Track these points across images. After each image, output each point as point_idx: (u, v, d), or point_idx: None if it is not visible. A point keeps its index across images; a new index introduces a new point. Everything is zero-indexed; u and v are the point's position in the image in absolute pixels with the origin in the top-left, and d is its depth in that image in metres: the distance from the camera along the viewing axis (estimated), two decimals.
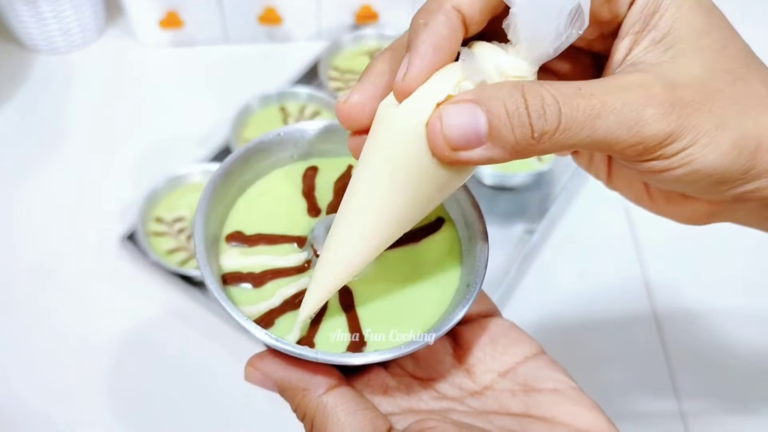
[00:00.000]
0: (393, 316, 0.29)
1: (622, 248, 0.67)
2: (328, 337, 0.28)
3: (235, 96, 0.74)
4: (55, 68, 0.80)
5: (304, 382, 0.27)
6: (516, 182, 0.68)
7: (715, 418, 0.57)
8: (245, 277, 0.29)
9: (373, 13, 0.81)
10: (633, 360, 0.60)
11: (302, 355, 0.26)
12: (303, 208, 0.32)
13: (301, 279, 0.30)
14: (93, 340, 0.59)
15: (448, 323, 0.27)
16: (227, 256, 0.30)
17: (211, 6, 0.78)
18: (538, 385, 0.28)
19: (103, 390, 0.56)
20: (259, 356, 0.28)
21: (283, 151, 0.33)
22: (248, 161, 0.32)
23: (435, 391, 0.29)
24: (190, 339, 0.59)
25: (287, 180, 0.33)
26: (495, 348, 0.30)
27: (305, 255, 0.30)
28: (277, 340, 0.26)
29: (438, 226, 0.32)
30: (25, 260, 0.64)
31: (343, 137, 0.33)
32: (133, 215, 0.63)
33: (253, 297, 0.29)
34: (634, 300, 0.63)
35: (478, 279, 0.28)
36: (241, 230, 0.31)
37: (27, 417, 0.55)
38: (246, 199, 0.32)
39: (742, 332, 0.62)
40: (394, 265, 0.30)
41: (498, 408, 0.28)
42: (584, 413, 0.27)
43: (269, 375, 0.27)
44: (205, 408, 0.56)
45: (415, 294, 0.29)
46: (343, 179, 0.33)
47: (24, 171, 0.70)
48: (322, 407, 0.26)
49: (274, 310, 0.29)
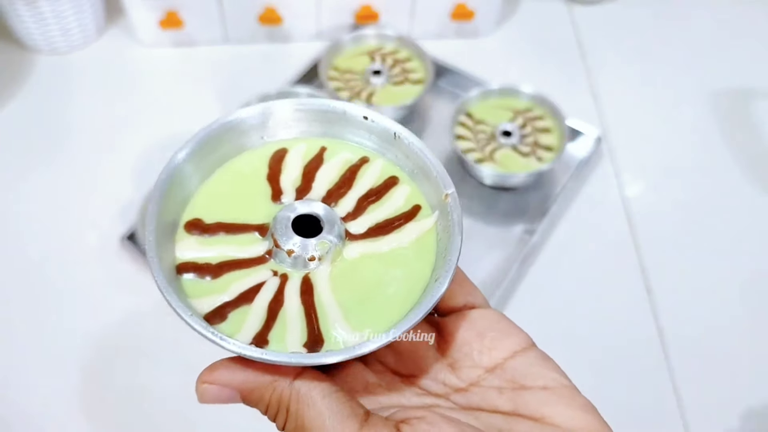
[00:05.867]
0: (356, 314, 0.27)
1: (622, 248, 0.67)
2: (283, 335, 0.26)
3: (235, 96, 0.74)
4: (55, 68, 0.80)
5: (270, 377, 0.25)
6: (516, 182, 0.68)
7: (715, 417, 0.57)
8: (201, 267, 0.28)
9: (373, 13, 0.81)
10: (633, 360, 0.60)
11: (258, 358, 0.24)
12: (267, 194, 0.30)
13: (260, 271, 0.28)
14: (93, 340, 0.59)
15: (410, 321, 0.25)
16: (183, 245, 0.28)
17: (211, 6, 0.78)
18: (528, 383, 0.27)
19: (102, 389, 0.56)
20: (209, 369, 0.26)
21: (251, 132, 0.31)
22: (211, 143, 0.30)
23: (418, 387, 0.28)
24: (190, 339, 0.59)
25: (254, 163, 0.31)
26: (482, 342, 0.28)
27: (266, 245, 0.28)
28: (222, 338, 0.24)
29: (414, 213, 0.30)
30: (24, 260, 0.64)
31: (315, 117, 0.31)
32: (133, 215, 0.63)
33: (206, 289, 0.27)
34: (634, 300, 0.63)
35: (448, 273, 0.26)
36: (201, 218, 0.29)
37: (27, 417, 0.55)
38: (209, 184, 0.30)
39: (743, 332, 0.62)
40: (360, 258, 0.29)
41: (485, 405, 0.27)
42: (576, 414, 0.26)
43: (227, 384, 0.26)
44: (205, 408, 0.56)
45: (381, 288, 0.28)
46: (314, 162, 0.31)
47: (24, 171, 0.70)
48: (296, 394, 0.25)
49: (227, 303, 0.27)
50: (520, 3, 0.90)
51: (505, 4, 0.86)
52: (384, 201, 0.30)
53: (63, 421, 0.55)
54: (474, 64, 0.79)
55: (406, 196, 0.30)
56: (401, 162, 0.31)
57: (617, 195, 0.71)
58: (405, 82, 0.75)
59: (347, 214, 0.30)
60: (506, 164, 0.68)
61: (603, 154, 0.74)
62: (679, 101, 0.80)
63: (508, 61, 0.84)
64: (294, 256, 0.28)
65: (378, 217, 0.30)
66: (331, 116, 0.32)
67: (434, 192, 0.30)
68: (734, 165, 0.74)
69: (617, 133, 0.76)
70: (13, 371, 0.57)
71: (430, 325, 0.30)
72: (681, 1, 0.91)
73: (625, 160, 0.74)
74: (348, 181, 0.31)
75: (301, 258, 0.28)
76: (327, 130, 0.32)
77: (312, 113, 0.31)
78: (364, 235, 0.29)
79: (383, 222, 0.30)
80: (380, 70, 0.75)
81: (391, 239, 0.29)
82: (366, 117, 0.31)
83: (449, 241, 0.28)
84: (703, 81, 0.82)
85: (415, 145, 0.30)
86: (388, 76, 0.75)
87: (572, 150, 0.72)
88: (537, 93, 0.72)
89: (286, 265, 0.28)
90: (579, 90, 0.80)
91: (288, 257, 0.28)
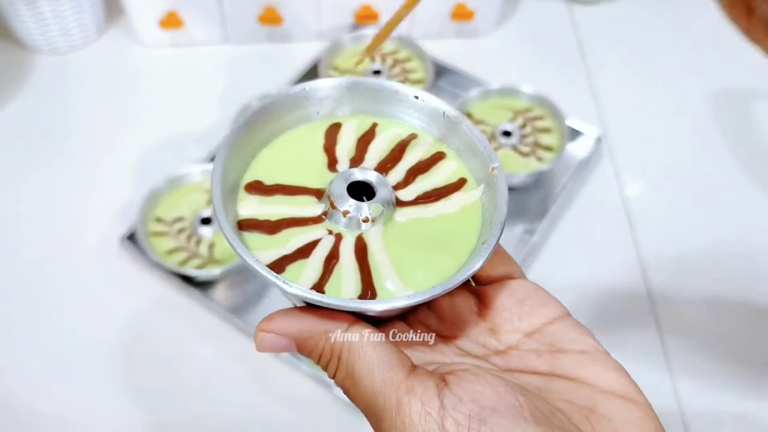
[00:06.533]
0: (406, 271, 0.28)
1: (622, 248, 0.67)
2: (338, 287, 0.28)
3: (235, 96, 0.74)
4: (55, 68, 0.80)
5: (324, 326, 0.26)
6: (516, 182, 0.68)
7: (713, 416, 0.57)
8: (261, 224, 0.30)
9: (373, 13, 0.81)
10: (633, 360, 0.60)
11: (318, 301, 0.25)
12: (324, 162, 0.32)
13: (316, 229, 0.30)
14: (93, 340, 0.59)
15: (463, 275, 0.27)
16: (244, 204, 0.30)
17: (211, 6, 0.78)
18: (565, 347, 0.28)
19: (102, 390, 0.56)
20: (267, 319, 0.27)
21: (308, 107, 0.33)
22: (271, 115, 0.32)
23: (459, 348, 0.29)
24: (190, 339, 0.59)
25: (311, 135, 0.33)
26: (521, 309, 0.29)
27: (322, 207, 0.30)
28: (285, 282, 0.26)
29: (460, 185, 0.32)
30: (24, 260, 0.64)
31: (367, 95, 0.33)
32: (133, 215, 0.63)
33: (266, 243, 0.29)
34: (634, 300, 0.63)
35: (494, 236, 0.28)
36: (261, 180, 0.31)
37: (26, 417, 0.55)
38: (268, 151, 0.32)
39: (743, 332, 0.62)
40: (410, 224, 0.30)
41: (523, 367, 0.28)
42: (610, 374, 0.27)
43: (284, 332, 0.27)
44: (205, 408, 0.56)
45: (430, 251, 0.29)
46: (367, 136, 0.33)
47: (24, 171, 0.70)
48: (348, 344, 0.26)
49: (286, 257, 0.29)
50: (520, 3, 0.90)
51: (505, 4, 0.86)
52: (431, 173, 0.32)
53: (63, 420, 0.55)
54: (474, 64, 0.79)
55: (453, 170, 0.32)
56: (448, 140, 0.33)
57: (617, 195, 0.71)
58: (405, 82, 0.75)
59: (397, 183, 0.32)
60: (506, 164, 0.68)
61: (603, 154, 0.74)
62: (679, 101, 0.80)
63: (508, 61, 0.84)
64: (349, 217, 0.29)
65: (426, 187, 0.32)
66: (383, 95, 0.34)
67: (480, 167, 0.32)
68: (734, 165, 0.74)
69: (617, 133, 0.76)
70: (13, 371, 0.57)
71: (471, 292, 0.31)
72: (681, 1, 0.91)
73: (625, 160, 0.74)
74: (398, 154, 0.33)
75: (355, 219, 0.29)
76: (378, 108, 0.34)
77: (365, 92, 0.33)
78: (413, 202, 0.31)
79: (431, 191, 0.31)
80: (380, 70, 0.75)
81: (438, 206, 0.31)
82: (417, 96, 0.33)
83: (495, 210, 0.29)
84: (703, 81, 0.82)
85: (463, 124, 0.32)
86: (388, 76, 0.75)
87: (572, 150, 0.72)
88: (537, 93, 0.72)
89: (341, 225, 0.30)
90: (579, 90, 0.80)
91: (343, 218, 0.29)
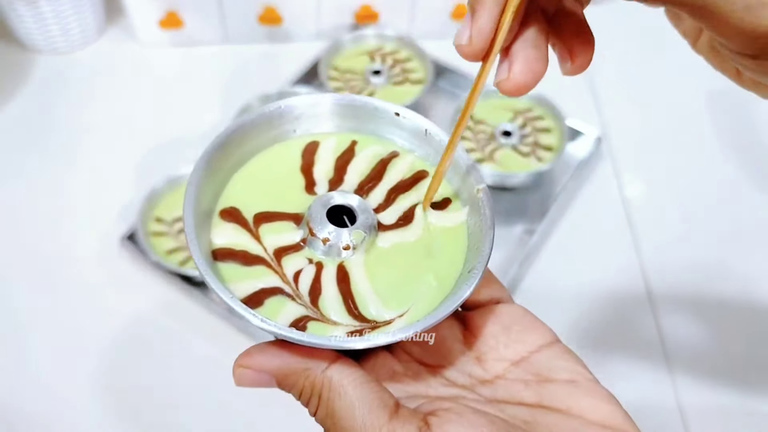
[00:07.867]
0: (392, 300, 0.27)
1: (622, 248, 0.67)
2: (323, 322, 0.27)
3: (235, 96, 0.74)
4: (55, 68, 0.80)
5: (304, 363, 0.25)
6: (516, 182, 0.68)
7: (714, 415, 0.57)
8: (237, 254, 0.28)
9: (373, 13, 0.81)
10: (633, 360, 0.60)
11: (298, 340, 0.24)
12: (301, 184, 0.31)
13: (296, 258, 0.28)
14: (93, 340, 0.59)
15: (448, 308, 0.26)
16: (219, 231, 0.29)
17: (211, 6, 0.78)
18: (553, 376, 0.27)
19: (102, 389, 0.56)
20: (246, 354, 0.26)
21: (284, 125, 0.31)
22: (247, 134, 0.30)
23: (444, 378, 0.28)
24: (190, 339, 0.59)
25: (287, 155, 0.31)
26: (508, 336, 0.28)
27: (301, 234, 0.29)
28: (263, 320, 0.24)
29: (444, 205, 0.31)
30: (24, 260, 0.64)
31: (347, 112, 0.32)
32: (133, 215, 0.63)
33: (243, 274, 0.28)
34: (634, 300, 0.63)
35: (481, 263, 0.27)
36: (237, 206, 0.30)
37: (27, 417, 0.55)
38: (243, 174, 0.31)
39: (743, 332, 0.62)
40: (393, 250, 0.29)
41: (510, 398, 0.27)
42: (600, 405, 0.26)
43: (263, 368, 0.26)
44: (205, 408, 0.56)
45: (415, 278, 0.28)
46: (346, 155, 0.32)
47: (24, 171, 0.70)
48: (327, 382, 0.25)
49: (264, 290, 0.27)
50: None
51: None
52: (412, 192, 0.31)
53: (64, 420, 0.55)
54: (474, 64, 0.78)
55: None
56: (431, 158, 0.32)
57: (617, 195, 0.71)
58: (405, 82, 0.75)
59: (378, 205, 0.31)
60: (506, 164, 0.68)
61: (603, 154, 0.74)
62: (679, 101, 0.80)
63: None
64: (329, 245, 0.28)
65: (406, 206, 0.31)
66: (362, 112, 0.32)
67: (465, 187, 0.30)
68: (734, 165, 0.74)
69: (617, 133, 0.76)
70: (13, 371, 0.57)
71: (457, 319, 0.30)
72: None
73: (625, 160, 0.74)
74: (379, 174, 0.31)
75: (335, 246, 0.28)
76: (358, 125, 0.33)
77: (343, 108, 0.32)
78: (394, 226, 0.30)
79: (409, 209, 0.30)
80: (380, 70, 0.75)
81: (422, 230, 0.30)
82: (398, 113, 0.32)
83: (482, 235, 0.28)
84: (703, 81, 0.81)
85: (445, 142, 0.31)
86: (388, 76, 0.75)
87: (572, 150, 0.72)
88: (537, 93, 0.72)
89: (320, 252, 0.29)
90: (579, 90, 0.80)
91: (323, 245, 0.28)
